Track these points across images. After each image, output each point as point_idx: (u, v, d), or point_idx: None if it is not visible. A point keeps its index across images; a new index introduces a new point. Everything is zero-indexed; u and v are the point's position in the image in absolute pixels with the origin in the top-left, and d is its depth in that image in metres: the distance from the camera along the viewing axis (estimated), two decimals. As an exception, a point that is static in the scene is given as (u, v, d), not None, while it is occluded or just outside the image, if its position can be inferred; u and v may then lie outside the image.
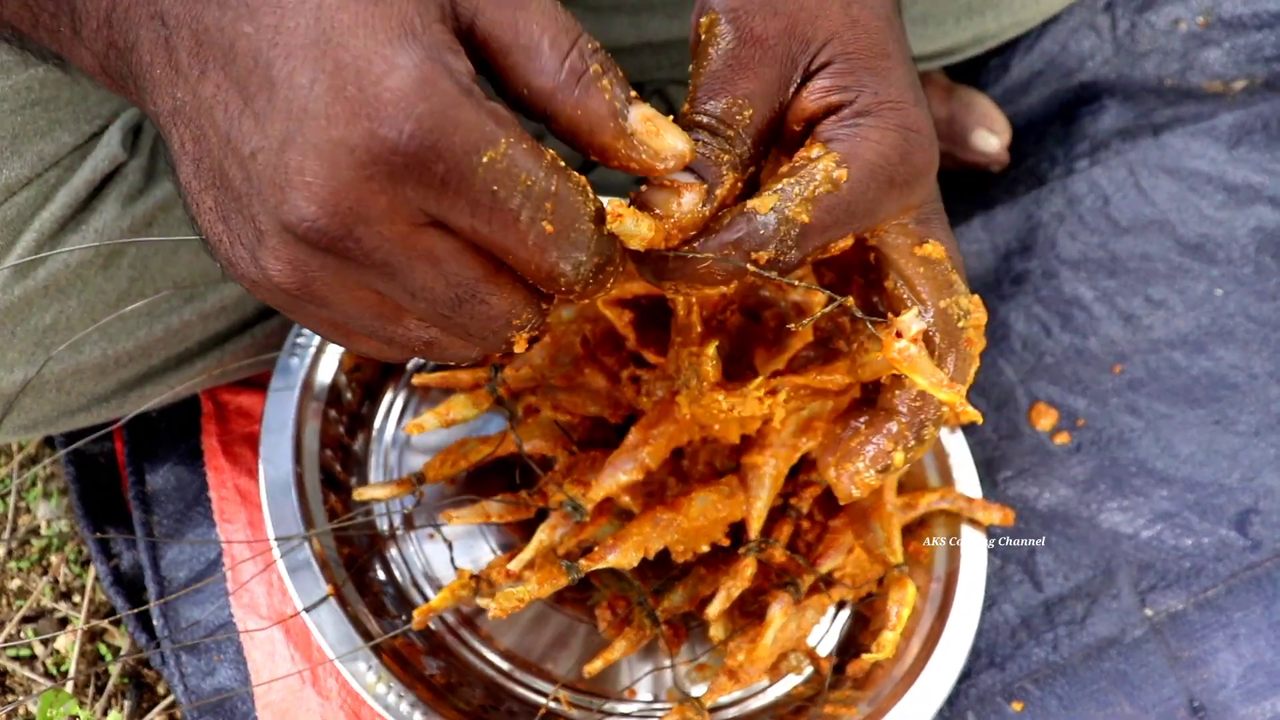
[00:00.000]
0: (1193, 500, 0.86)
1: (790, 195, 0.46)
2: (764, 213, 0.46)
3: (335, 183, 0.39)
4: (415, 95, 0.38)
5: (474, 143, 0.39)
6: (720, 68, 0.49)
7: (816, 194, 0.46)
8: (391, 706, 0.65)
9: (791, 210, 0.46)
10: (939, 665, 0.75)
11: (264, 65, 0.40)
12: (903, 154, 0.48)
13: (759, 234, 0.46)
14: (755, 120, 0.48)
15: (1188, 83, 1.05)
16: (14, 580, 0.83)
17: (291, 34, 0.39)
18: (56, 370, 0.71)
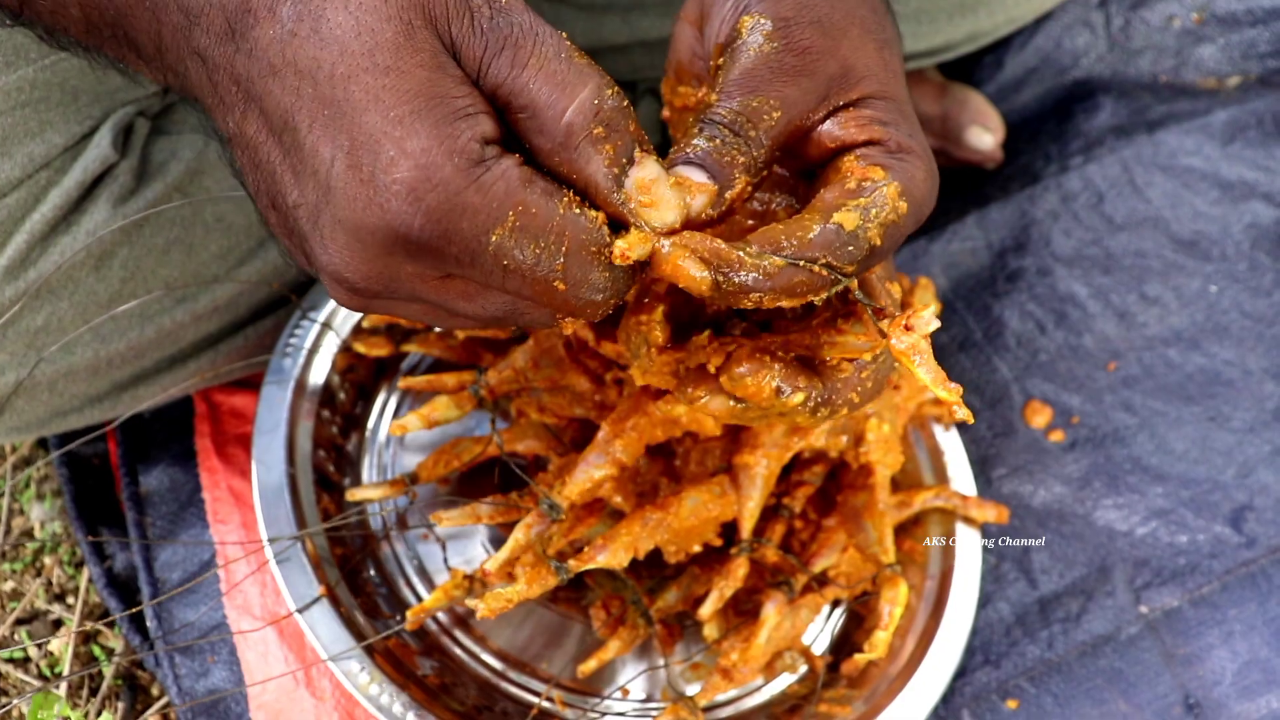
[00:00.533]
0: (1188, 497, 0.86)
1: (870, 216, 0.47)
2: (850, 228, 0.46)
3: (362, 256, 0.44)
4: (424, 186, 0.42)
5: (482, 225, 0.42)
6: (759, 68, 0.49)
7: (888, 221, 0.47)
8: (385, 707, 0.65)
9: (870, 232, 0.47)
10: (934, 663, 0.75)
11: (292, 127, 0.43)
12: (932, 194, 0.50)
13: (844, 249, 0.46)
14: (780, 125, 0.49)
15: (1182, 79, 1.05)
16: (7, 582, 0.82)
17: (311, 100, 0.43)
18: (49, 371, 0.71)
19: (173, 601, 0.76)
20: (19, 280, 0.68)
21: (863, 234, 0.47)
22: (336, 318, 0.77)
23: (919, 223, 0.50)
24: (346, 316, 0.77)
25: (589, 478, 0.62)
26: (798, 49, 0.50)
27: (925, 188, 0.50)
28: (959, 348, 0.94)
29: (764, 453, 0.67)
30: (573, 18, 0.91)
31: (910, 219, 0.49)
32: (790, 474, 0.74)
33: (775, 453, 0.67)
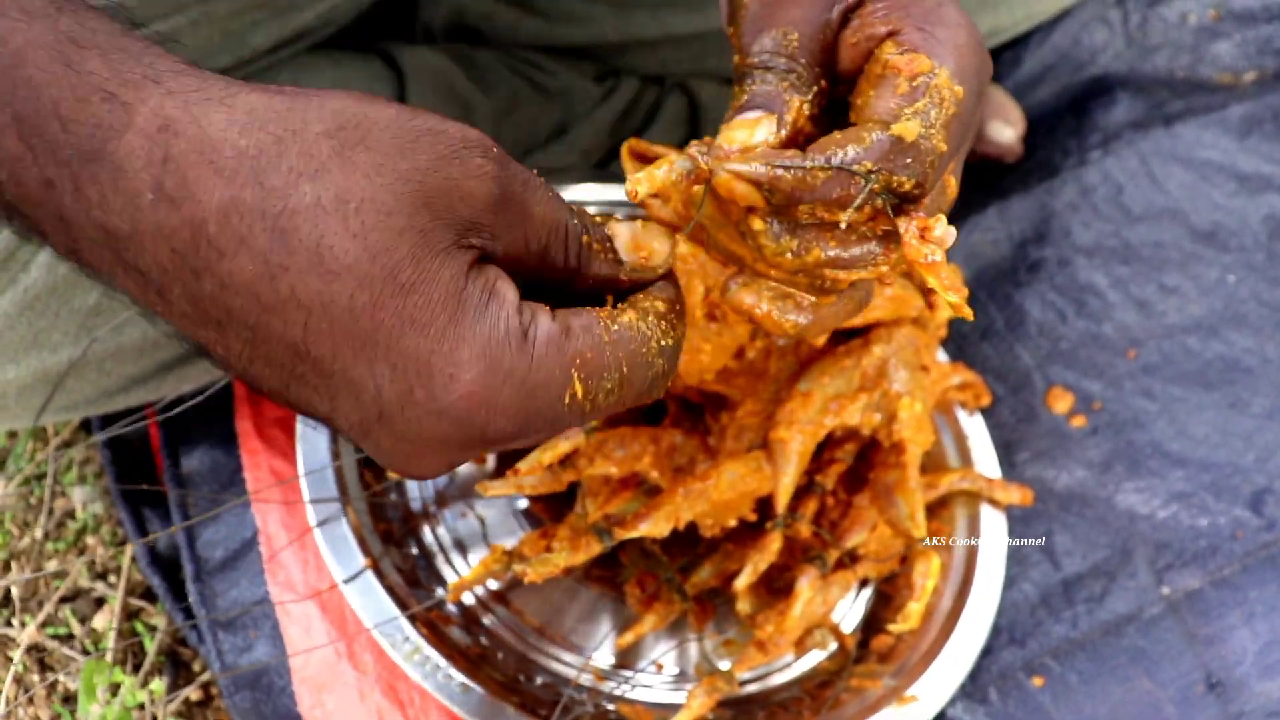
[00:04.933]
0: (1208, 481, 0.88)
1: (931, 120, 0.44)
2: (911, 138, 0.44)
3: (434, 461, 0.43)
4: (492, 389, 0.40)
5: (556, 395, 0.42)
6: (757, 9, 0.50)
7: (949, 118, 0.45)
8: (429, 675, 0.66)
9: (936, 139, 0.44)
10: (961, 641, 0.76)
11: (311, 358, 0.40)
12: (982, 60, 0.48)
13: (908, 162, 0.44)
14: (804, 43, 0.49)
15: (1198, 75, 1.07)
16: (51, 561, 0.84)
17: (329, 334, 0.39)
18: (98, 351, 0.73)
19: (216, 579, 0.78)
20: (72, 261, 0.69)
21: (926, 143, 0.44)
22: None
23: (983, 95, 0.47)
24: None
25: None
26: None
27: (973, 55, 0.47)
28: (981, 336, 0.95)
29: (799, 429, 0.68)
30: (602, 14, 0.93)
31: (971, 97, 0.46)
32: (823, 452, 0.75)
33: (810, 429, 0.69)
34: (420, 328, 0.39)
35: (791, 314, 0.50)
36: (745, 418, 0.70)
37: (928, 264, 0.44)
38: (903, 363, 0.72)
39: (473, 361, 0.40)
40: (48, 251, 0.68)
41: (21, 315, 0.70)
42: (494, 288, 0.41)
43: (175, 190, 0.38)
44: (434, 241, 0.40)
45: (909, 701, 0.73)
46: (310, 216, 0.38)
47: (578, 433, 0.63)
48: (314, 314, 0.39)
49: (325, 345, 0.40)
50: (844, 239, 0.46)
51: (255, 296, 0.39)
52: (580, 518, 0.70)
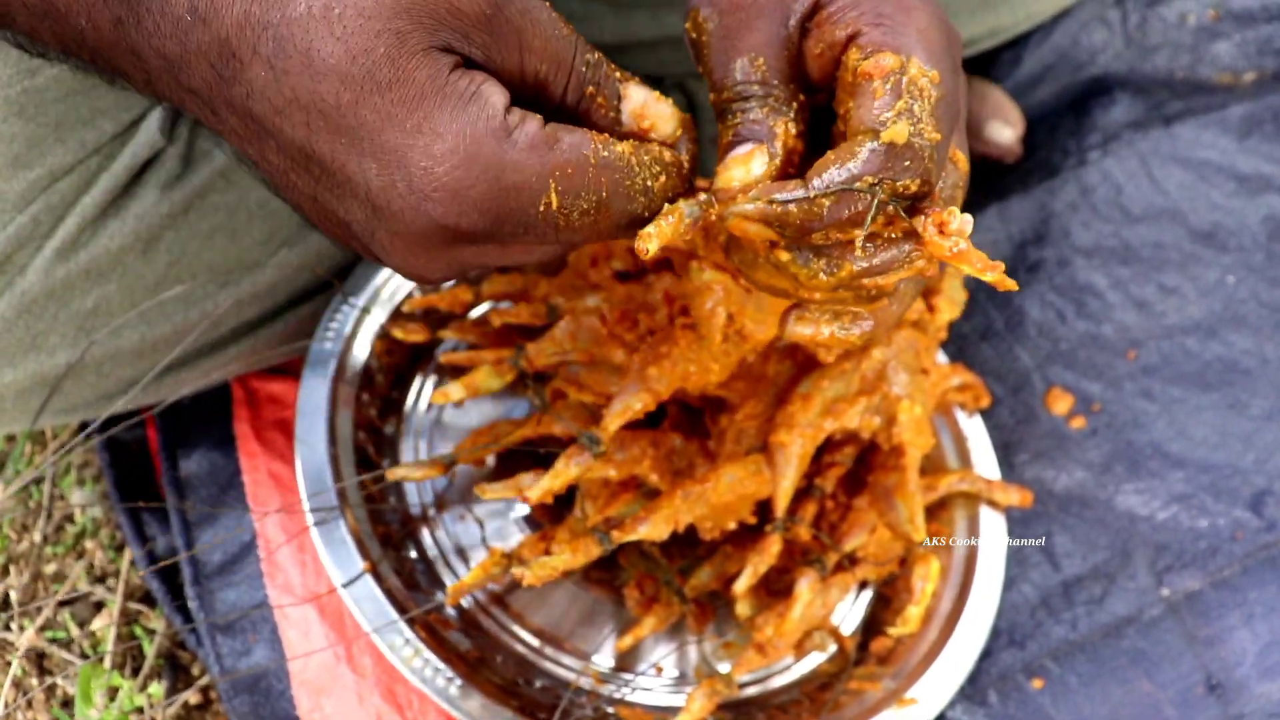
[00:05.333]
0: (1207, 482, 0.87)
1: (917, 115, 0.44)
2: (904, 141, 0.44)
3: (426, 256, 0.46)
4: (464, 182, 0.43)
5: (529, 199, 0.44)
6: (719, 44, 0.50)
7: (934, 105, 0.45)
8: (428, 679, 0.66)
9: (927, 133, 0.44)
10: (960, 643, 0.76)
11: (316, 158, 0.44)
12: (949, 35, 0.48)
13: (906, 165, 0.44)
14: (771, 64, 0.49)
15: (1198, 75, 1.07)
16: (50, 565, 0.84)
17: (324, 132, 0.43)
18: (95, 354, 0.73)
19: (214, 582, 0.78)
20: (69, 262, 0.69)
21: (919, 140, 0.44)
22: (375, 304, 0.79)
23: (958, 68, 0.47)
24: (385, 302, 0.79)
25: (627, 407, 0.62)
26: (731, 7, 0.50)
27: (938, 33, 0.47)
28: (981, 337, 0.95)
29: (799, 432, 0.68)
30: (601, 14, 0.93)
31: (948, 76, 0.46)
32: (822, 455, 0.75)
33: (810, 433, 0.69)
34: (397, 123, 0.43)
35: (853, 328, 0.51)
36: (745, 421, 0.70)
37: (955, 255, 0.45)
38: (902, 366, 0.72)
39: (447, 155, 0.43)
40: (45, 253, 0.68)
41: (19, 318, 0.70)
42: (479, 89, 0.44)
43: (205, 11, 0.43)
44: (410, 43, 0.43)
45: (908, 704, 0.73)
46: (303, 24, 0.42)
47: (588, 458, 0.63)
48: (311, 114, 0.43)
49: (324, 144, 0.44)
50: (870, 249, 0.47)
51: (268, 100, 0.43)
52: (579, 520, 0.70)
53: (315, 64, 0.42)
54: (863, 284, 0.48)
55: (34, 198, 0.68)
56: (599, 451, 0.62)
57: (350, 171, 0.44)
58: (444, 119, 0.43)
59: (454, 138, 0.43)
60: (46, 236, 0.69)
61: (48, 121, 0.67)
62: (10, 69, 0.66)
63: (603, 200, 0.46)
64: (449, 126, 0.43)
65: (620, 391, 0.64)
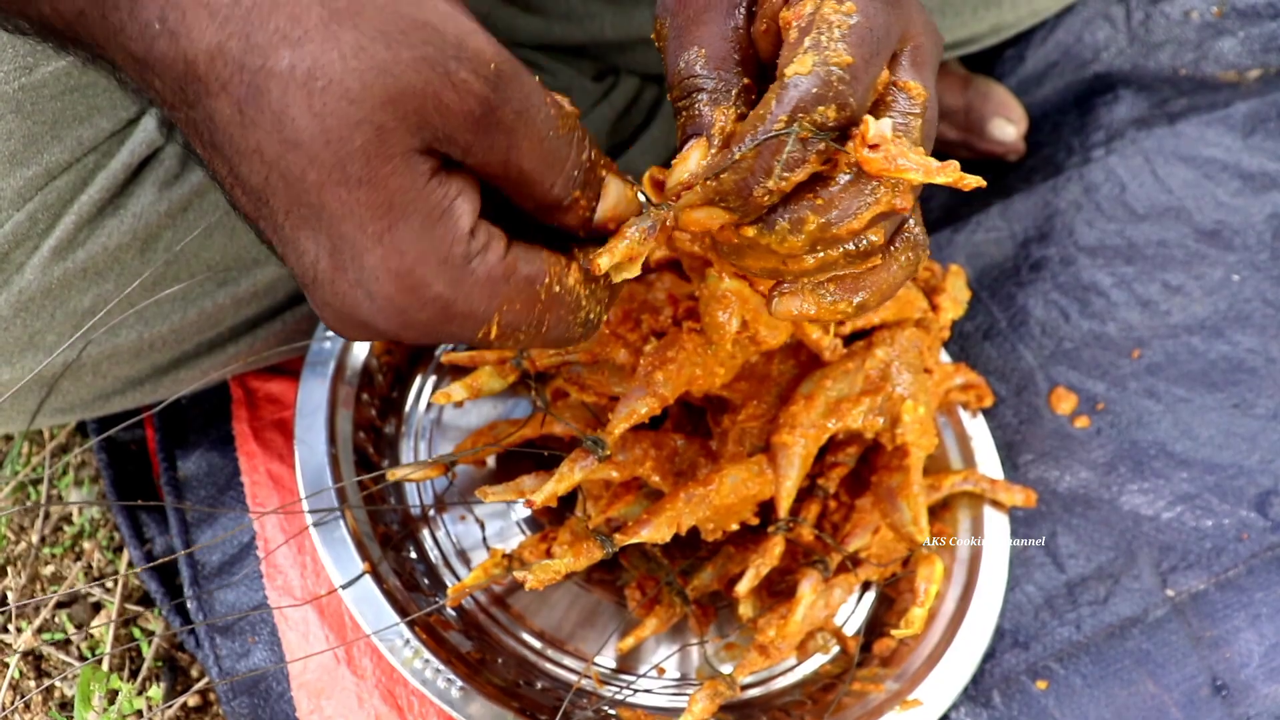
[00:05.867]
0: (1212, 482, 0.87)
1: (823, 44, 0.44)
2: (807, 72, 0.43)
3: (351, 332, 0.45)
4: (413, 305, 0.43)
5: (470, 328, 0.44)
6: (672, 45, 0.50)
7: (845, 33, 0.44)
8: (428, 681, 0.66)
9: (833, 57, 0.44)
10: (964, 644, 0.76)
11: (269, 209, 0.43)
12: None
13: (814, 92, 0.43)
14: (714, 54, 0.48)
15: (1202, 72, 1.06)
16: (48, 566, 0.84)
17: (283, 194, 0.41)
18: (93, 353, 0.72)
19: (213, 584, 0.77)
20: (66, 261, 0.69)
21: (824, 68, 0.43)
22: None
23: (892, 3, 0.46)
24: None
25: (633, 411, 0.62)
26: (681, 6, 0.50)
27: None
28: (984, 336, 0.95)
29: (801, 433, 0.68)
30: (601, 12, 0.93)
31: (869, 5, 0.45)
32: (825, 456, 0.75)
33: (813, 433, 0.68)
34: (359, 223, 0.41)
35: (837, 294, 0.49)
36: (747, 421, 0.69)
37: (895, 167, 0.44)
38: (906, 365, 0.71)
39: (403, 275, 0.42)
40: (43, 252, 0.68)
41: (16, 317, 0.69)
42: (450, 205, 0.42)
43: (175, 26, 0.40)
44: (390, 142, 0.40)
45: (912, 705, 0.72)
46: (281, 83, 0.40)
47: (592, 462, 0.62)
48: (273, 172, 0.41)
49: (280, 202, 0.42)
50: (826, 195, 0.46)
51: (230, 138, 0.41)
52: (581, 521, 0.69)
53: (286, 130, 0.40)
54: (834, 234, 0.46)
55: (31, 195, 0.68)
56: (604, 455, 0.62)
57: (299, 239, 0.42)
58: (408, 236, 0.41)
59: (413, 259, 0.42)
60: (44, 235, 0.68)
61: (45, 119, 0.67)
62: (7, 66, 0.65)
63: (541, 332, 0.46)
64: (411, 246, 0.41)
65: (626, 396, 0.63)
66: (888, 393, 0.70)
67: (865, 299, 0.50)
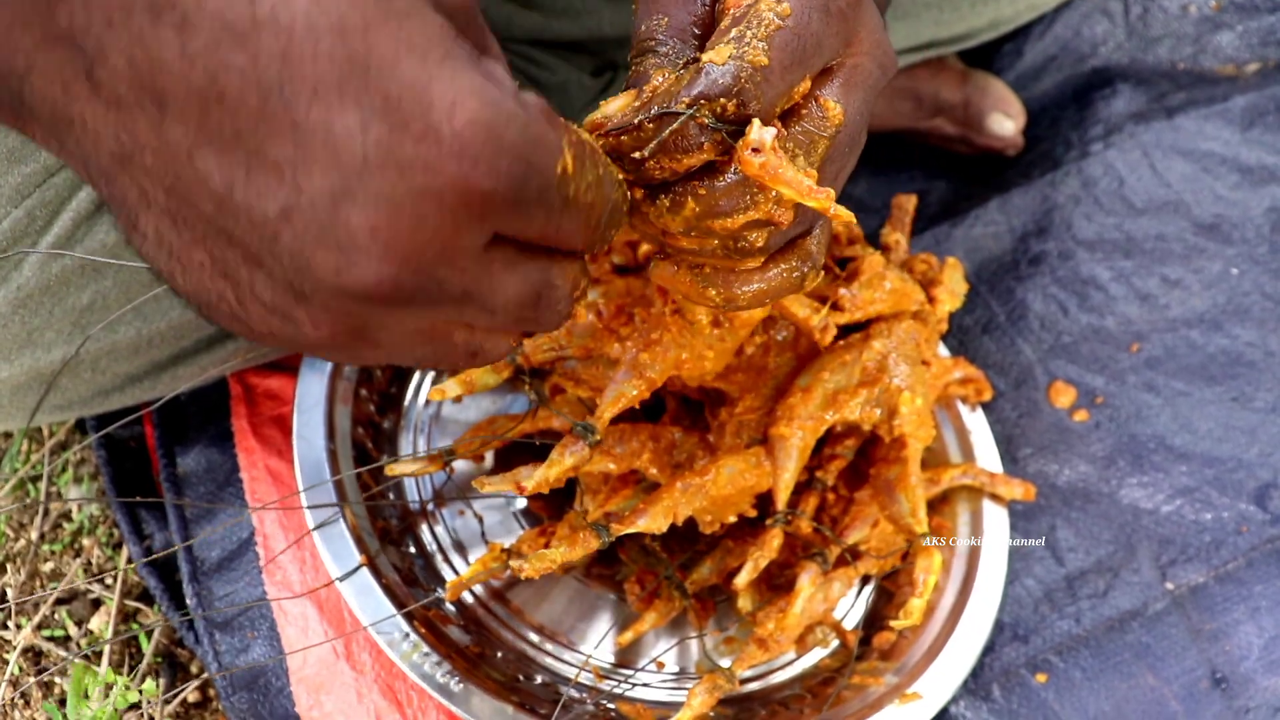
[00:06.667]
0: (1212, 475, 0.87)
1: (744, 40, 0.44)
2: (721, 62, 0.43)
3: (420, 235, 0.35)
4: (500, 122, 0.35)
5: (551, 156, 0.38)
6: (641, 9, 0.50)
7: (770, 33, 0.44)
8: (428, 675, 0.66)
9: (750, 55, 0.43)
10: (963, 637, 0.76)
11: (276, 107, 0.33)
12: None
13: (720, 83, 0.43)
14: (673, 24, 0.48)
15: (1200, 66, 1.06)
16: (47, 563, 0.84)
17: (308, 64, 0.33)
18: (92, 350, 0.72)
19: (213, 580, 0.77)
20: (65, 258, 0.69)
21: (738, 62, 0.43)
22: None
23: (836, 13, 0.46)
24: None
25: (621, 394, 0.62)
26: None
27: None
28: (983, 330, 0.95)
29: (799, 425, 0.68)
30: (599, 7, 0.93)
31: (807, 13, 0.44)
32: (823, 448, 0.75)
33: (810, 425, 0.68)
34: (419, 55, 0.34)
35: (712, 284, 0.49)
36: (745, 414, 0.69)
37: (769, 178, 0.43)
38: (903, 357, 0.71)
39: (475, 91, 0.35)
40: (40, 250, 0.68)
41: (14, 314, 0.69)
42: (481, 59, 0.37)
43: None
44: None
45: (911, 699, 0.72)
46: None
47: (583, 448, 0.62)
48: (295, 38, 0.33)
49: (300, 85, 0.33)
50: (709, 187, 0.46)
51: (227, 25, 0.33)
52: (579, 515, 0.69)
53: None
54: (709, 226, 0.46)
55: (29, 192, 0.68)
56: (594, 441, 0.62)
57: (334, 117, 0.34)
58: (467, 64, 0.35)
59: (480, 80, 0.35)
60: (42, 231, 0.68)
61: (42, 116, 0.67)
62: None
63: (600, 177, 0.42)
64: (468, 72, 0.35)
65: (613, 380, 0.63)
66: (885, 384, 0.70)
67: (735, 295, 0.49)
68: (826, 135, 0.47)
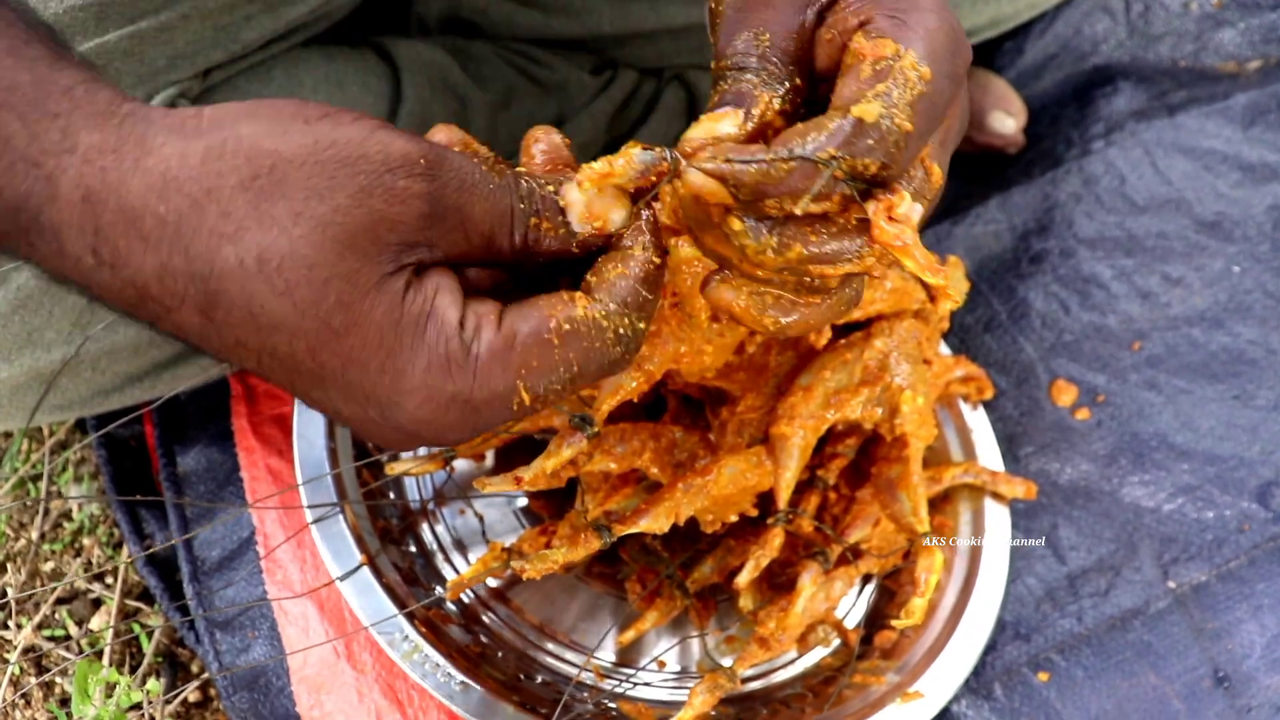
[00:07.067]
0: (1214, 474, 0.87)
1: (893, 100, 0.43)
2: (872, 120, 0.43)
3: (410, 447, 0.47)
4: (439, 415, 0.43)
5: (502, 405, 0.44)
6: (732, 15, 0.49)
7: (915, 98, 0.44)
8: (428, 675, 0.66)
9: (899, 119, 0.43)
10: (965, 636, 0.76)
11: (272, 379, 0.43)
12: (956, 43, 0.46)
13: (868, 143, 0.43)
14: (775, 42, 0.48)
15: (1202, 64, 1.06)
16: (48, 562, 0.84)
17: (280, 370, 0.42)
18: (92, 349, 0.72)
19: (213, 579, 0.77)
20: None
21: (888, 123, 0.43)
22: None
23: (958, 79, 0.46)
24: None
25: (619, 387, 0.61)
26: None
27: (944, 37, 0.45)
28: (984, 328, 0.95)
29: (800, 424, 0.68)
30: (599, 6, 0.93)
31: (941, 79, 0.44)
32: (824, 446, 0.74)
33: (812, 424, 0.68)
34: (360, 365, 0.41)
35: (772, 311, 0.49)
36: (746, 413, 0.69)
37: (899, 247, 0.44)
38: (905, 356, 0.71)
39: (415, 390, 0.42)
40: None
41: (14, 314, 0.69)
42: (432, 307, 0.42)
43: (111, 258, 0.40)
44: (361, 281, 0.41)
45: (913, 698, 0.72)
46: (237, 279, 0.40)
47: (581, 440, 0.62)
48: (262, 355, 0.41)
49: (281, 376, 0.42)
50: (823, 233, 0.45)
51: (208, 339, 0.41)
52: (580, 514, 0.69)
53: (260, 319, 0.40)
54: (808, 270, 0.46)
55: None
56: (592, 433, 0.61)
57: (315, 399, 0.44)
58: (405, 356, 0.42)
59: (420, 374, 0.42)
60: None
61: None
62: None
63: (576, 373, 0.45)
64: (411, 363, 0.42)
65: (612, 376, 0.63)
66: (886, 383, 0.70)
67: (790, 324, 0.50)
68: (930, 198, 0.48)
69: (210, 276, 0.40)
